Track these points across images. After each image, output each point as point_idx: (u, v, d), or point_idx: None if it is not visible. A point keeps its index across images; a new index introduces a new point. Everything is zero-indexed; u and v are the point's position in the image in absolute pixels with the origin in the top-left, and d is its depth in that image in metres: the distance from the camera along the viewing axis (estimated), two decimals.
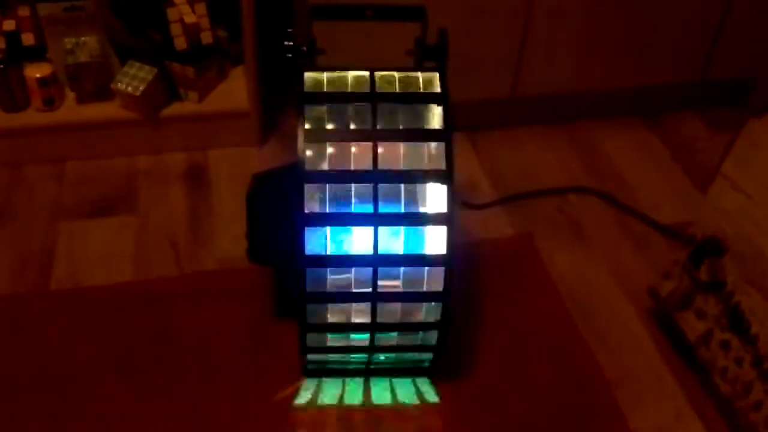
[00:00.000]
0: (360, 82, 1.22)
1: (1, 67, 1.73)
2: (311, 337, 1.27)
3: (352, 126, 1.19)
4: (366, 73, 1.22)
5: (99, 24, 1.78)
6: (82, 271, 1.55)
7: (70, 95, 1.83)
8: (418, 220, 1.18)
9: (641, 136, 1.99)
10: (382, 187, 1.16)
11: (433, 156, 1.20)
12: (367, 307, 1.22)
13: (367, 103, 1.19)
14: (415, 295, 1.22)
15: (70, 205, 1.70)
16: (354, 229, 1.18)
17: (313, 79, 1.22)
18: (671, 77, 1.98)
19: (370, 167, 1.16)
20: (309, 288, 1.20)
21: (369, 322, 1.23)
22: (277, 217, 1.28)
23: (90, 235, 1.64)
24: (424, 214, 1.18)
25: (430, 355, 1.32)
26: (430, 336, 1.27)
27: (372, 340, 1.27)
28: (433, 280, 1.21)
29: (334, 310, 1.24)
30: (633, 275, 1.60)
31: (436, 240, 1.19)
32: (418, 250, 1.19)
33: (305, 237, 1.16)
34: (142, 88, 1.75)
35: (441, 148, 1.18)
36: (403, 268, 1.21)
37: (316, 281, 1.20)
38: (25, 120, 1.78)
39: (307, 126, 1.18)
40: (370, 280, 1.18)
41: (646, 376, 1.41)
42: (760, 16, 1.88)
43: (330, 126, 1.19)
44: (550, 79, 1.89)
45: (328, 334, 1.28)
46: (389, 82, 1.22)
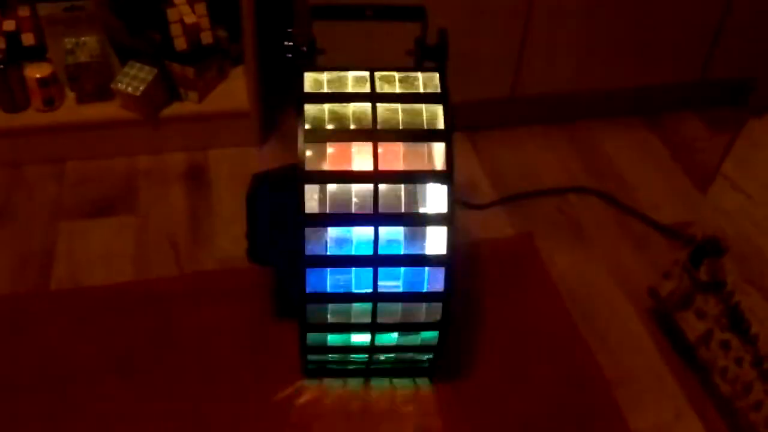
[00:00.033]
0: (360, 82, 1.22)
1: (1, 67, 1.73)
2: (311, 337, 1.27)
3: (352, 126, 1.19)
4: (366, 73, 1.22)
5: (99, 24, 1.78)
6: (82, 271, 1.55)
7: (70, 95, 1.83)
8: (418, 221, 1.18)
9: (641, 136, 1.99)
10: (382, 188, 1.16)
11: (433, 156, 1.20)
12: (367, 308, 1.22)
13: (367, 103, 1.19)
14: (416, 296, 1.22)
15: (70, 205, 1.70)
16: (355, 229, 1.18)
17: (313, 79, 1.22)
18: (671, 77, 1.98)
19: (370, 168, 1.16)
20: (309, 288, 1.20)
21: (369, 323, 1.23)
22: (277, 217, 1.28)
23: (90, 235, 1.64)
24: (424, 215, 1.18)
25: (430, 355, 1.33)
26: (431, 336, 1.27)
27: (372, 341, 1.27)
28: (434, 280, 1.21)
29: (335, 311, 1.24)
30: (633, 275, 1.60)
31: (436, 240, 1.19)
32: (418, 252, 1.20)
33: (305, 237, 1.16)
34: (142, 89, 1.75)
35: (441, 148, 1.18)
36: (403, 269, 1.21)
37: (316, 281, 1.20)
38: (25, 120, 1.78)
39: (307, 126, 1.18)
40: (370, 280, 1.19)
41: (646, 376, 1.41)
42: (760, 16, 1.88)
43: (330, 126, 1.19)
44: (550, 79, 1.89)
45: (328, 334, 1.28)
46: (389, 82, 1.22)
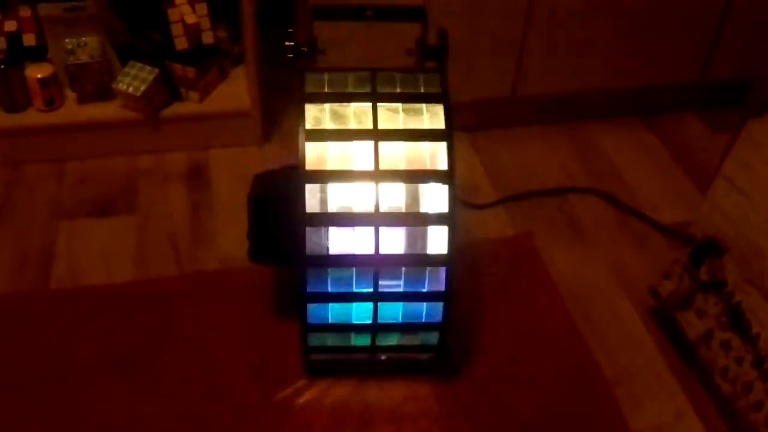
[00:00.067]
0: (361, 82, 1.22)
1: (2, 67, 1.73)
2: (312, 337, 1.27)
3: (353, 126, 1.19)
4: (367, 73, 1.22)
5: (100, 24, 1.78)
6: (82, 270, 1.55)
7: (71, 95, 1.83)
8: (419, 220, 1.18)
9: (641, 136, 1.99)
10: (383, 187, 1.16)
11: (434, 156, 1.20)
12: (368, 307, 1.22)
13: (368, 103, 1.19)
14: (416, 295, 1.23)
15: (70, 205, 1.70)
16: (356, 229, 1.18)
17: (314, 79, 1.22)
18: (671, 77, 1.98)
19: (371, 167, 1.16)
20: (309, 288, 1.20)
21: (370, 323, 1.23)
22: (278, 217, 1.28)
23: (90, 234, 1.64)
24: (425, 214, 1.18)
25: (430, 355, 1.33)
26: (431, 336, 1.27)
27: (373, 340, 1.27)
28: (434, 280, 1.21)
29: (335, 310, 1.24)
30: (633, 275, 1.60)
31: (437, 240, 1.19)
32: (419, 252, 1.20)
33: (306, 237, 1.16)
34: (143, 89, 1.75)
35: (442, 148, 1.18)
36: (404, 268, 1.21)
37: (316, 281, 1.20)
38: (26, 120, 1.78)
39: (308, 126, 1.18)
40: (371, 280, 1.19)
41: (647, 376, 1.41)
42: (759, 16, 1.88)
43: (331, 126, 1.19)
44: (550, 79, 1.89)
45: (329, 334, 1.28)
46: (390, 82, 1.22)
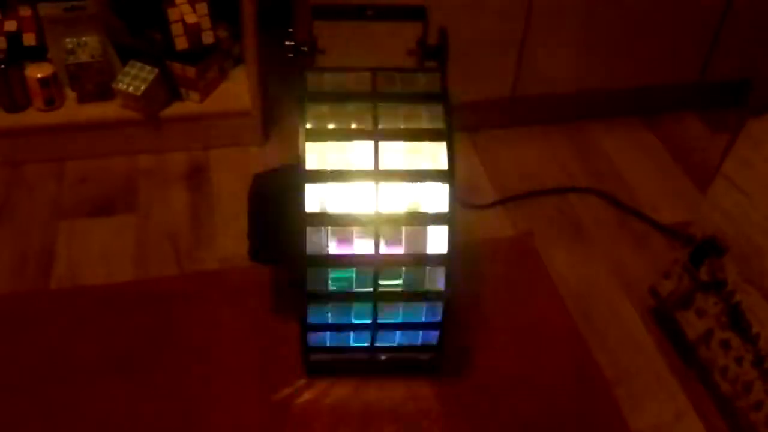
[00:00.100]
0: (361, 82, 1.22)
1: (2, 67, 1.73)
2: (312, 337, 1.27)
3: (354, 125, 1.19)
4: (367, 72, 1.22)
5: (100, 24, 1.78)
6: (82, 270, 1.55)
7: (71, 95, 1.83)
8: (419, 220, 1.18)
9: (641, 136, 1.99)
10: (383, 187, 1.16)
11: (434, 156, 1.20)
12: (368, 307, 1.22)
13: (369, 103, 1.19)
14: (416, 295, 1.23)
15: (70, 205, 1.70)
16: (355, 228, 1.18)
17: (314, 78, 1.22)
18: (671, 77, 1.98)
19: (371, 167, 1.16)
20: (309, 287, 1.20)
21: (370, 322, 1.23)
22: (278, 216, 1.28)
23: (90, 234, 1.64)
24: (425, 214, 1.18)
25: (430, 355, 1.33)
26: (431, 336, 1.27)
27: (373, 340, 1.27)
28: (434, 279, 1.21)
29: (335, 310, 1.24)
30: (633, 275, 1.60)
31: (436, 239, 1.19)
32: (419, 251, 1.20)
33: (306, 236, 1.16)
34: (143, 88, 1.75)
35: (442, 147, 1.18)
36: (403, 268, 1.21)
37: (316, 281, 1.20)
38: (26, 120, 1.78)
39: (308, 125, 1.18)
40: (371, 279, 1.19)
41: (646, 376, 1.41)
42: (760, 16, 1.88)
43: (331, 125, 1.19)
44: (550, 79, 1.89)
45: (329, 334, 1.28)
46: (390, 82, 1.22)
